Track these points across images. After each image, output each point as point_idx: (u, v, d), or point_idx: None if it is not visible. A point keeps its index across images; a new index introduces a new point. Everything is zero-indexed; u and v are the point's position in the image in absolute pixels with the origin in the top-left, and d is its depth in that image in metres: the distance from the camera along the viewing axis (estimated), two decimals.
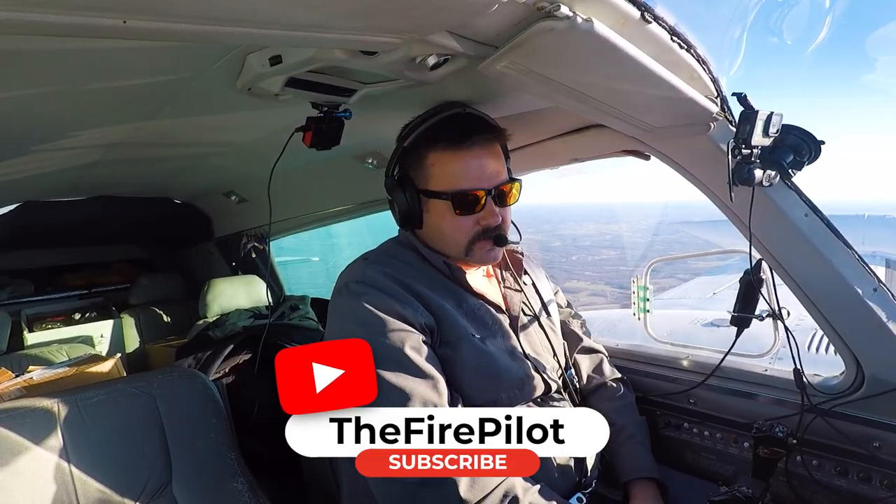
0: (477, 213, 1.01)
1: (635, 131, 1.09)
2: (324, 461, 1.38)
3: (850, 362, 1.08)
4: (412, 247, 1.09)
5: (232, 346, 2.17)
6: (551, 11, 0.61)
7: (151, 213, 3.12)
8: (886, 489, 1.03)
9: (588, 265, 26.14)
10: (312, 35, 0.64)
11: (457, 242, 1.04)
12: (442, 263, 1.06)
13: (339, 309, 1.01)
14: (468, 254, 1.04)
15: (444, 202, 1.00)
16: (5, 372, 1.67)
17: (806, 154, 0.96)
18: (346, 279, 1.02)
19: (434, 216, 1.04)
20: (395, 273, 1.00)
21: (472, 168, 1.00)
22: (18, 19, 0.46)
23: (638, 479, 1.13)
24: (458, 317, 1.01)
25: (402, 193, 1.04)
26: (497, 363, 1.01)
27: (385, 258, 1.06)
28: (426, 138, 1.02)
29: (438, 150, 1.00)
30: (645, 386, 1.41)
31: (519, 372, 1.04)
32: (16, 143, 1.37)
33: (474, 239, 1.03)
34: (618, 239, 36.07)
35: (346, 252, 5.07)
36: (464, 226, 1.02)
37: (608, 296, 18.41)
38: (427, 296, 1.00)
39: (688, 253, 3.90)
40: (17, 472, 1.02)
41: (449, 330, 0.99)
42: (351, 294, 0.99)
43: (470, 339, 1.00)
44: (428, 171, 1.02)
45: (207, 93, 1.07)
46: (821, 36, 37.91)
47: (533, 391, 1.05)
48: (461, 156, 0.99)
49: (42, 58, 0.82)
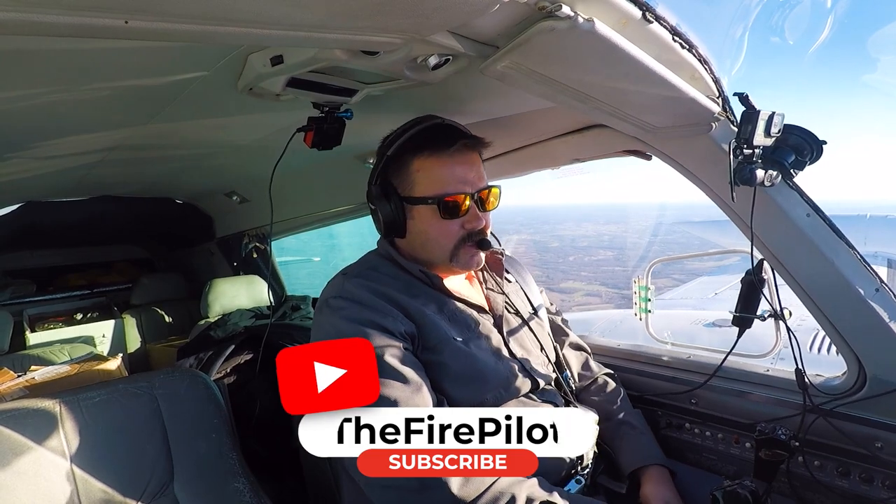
0: (461, 217, 1.04)
1: (637, 131, 1.09)
2: (324, 461, 1.38)
3: (852, 362, 1.07)
4: (390, 257, 1.12)
5: (233, 346, 2.18)
6: (553, 11, 0.61)
7: (153, 214, 3.13)
8: (888, 490, 1.03)
9: (585, 266, 26.22)
10: (314, 35, 0.64)
11: (442, 247, 1.06)
12: (419, 272, 1.08)
13: (321, 326, 1.04)
14: (453, 259, 1.06)
15: (429, 207, 1.03)
16: (7, 372, 1.67)
17: (807, 154, 0.96)
18: (326, 296, 1.05)
19: (419, 223, 1.06)
20: (373, 285, 1.02)
21: (456, 173, 1.03)
22: (20, 19, 0.46)
23: (646, 467, 1.14)
24: (440, 321, 1.03)
25: (387, 202, 1.06)
26: (480, 364, 1.03)
27: (364, 271, 1.08)
28: (411, 146, 1.04)
29: (424, 157, 1.03)
30: (646, 386, 1.41)
31: (504, 371, 1.06)
32: (18, 143, 1.37)
33: (459, 243, 1.05)
34: (615, 240, 36.18)
35: (347, 252, 5.07)
36: (449, 230, 1.04)
37: (603, 296, 18.46)
38: (407, 304, 1.02)
39: (688, 253, 3.89)
40: (19, 472, 1.03)
41: (431, 335, 1.01)
42: (330, 310, 1.01)
43: (452, 342, 1.02)
44: (413, 178, 1.04)
45: (209, 93, 1.07)
46: (823, 36, 38.16)
47: (519, 389, 1.07)
48: (446, 161, 1.02)
49: (44, 58, 0.82)
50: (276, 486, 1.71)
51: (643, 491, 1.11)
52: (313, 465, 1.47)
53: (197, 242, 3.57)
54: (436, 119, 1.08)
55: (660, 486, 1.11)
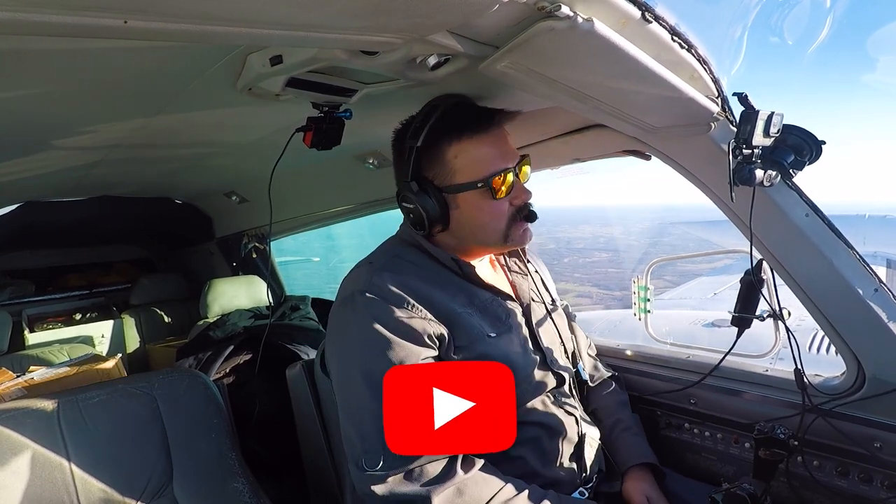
0: (509, 195, 1.00)
1: (636, 131, 1.09)
2: (326, 461, 1.38)
3: (851, 362, 1.08)
4: (417, 244, 1.06)
5: (232, 346, 2.18)
6: (552, 11, 0.61)
7: (152, 214, 3.12)
8: (887, 490, 1.03)
9: (578, 267, 26.30)
10: (313, 35, 0.64)
11: (495, 229, 1.02)
12: (450, 260, 1.04)
13: (344, 324, 0.99)
14: (507, 239, 1.03)
15: (477, 191, 0.98)
16: (6, 372, 1.67)
17: (807, 154, 0.96)
18: (352, 288, 0.98)
19: (466, 210, 1.01)
20: (403, 279, 0.97)
21: (497, 149, 0.99)
22: (19, 19, 0.46)
23: (634, 466, 1.14)
24: (471, 317, 1.00)
25: (428, 197, 0.99)
26: (513, 358, 1.01)
27: (391, 261, 1.03)
28: (443, 133, 0.98)
29: (462, 141, 0.98)
30: (646, 386, 1.41)
31: (531, 365, 1.04)
32: (17, 143, 1.37)
33: (510, 221, 1.02)
34: (611, 241, 36.28)
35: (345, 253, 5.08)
36: (501, 210, 1.00)
37: (594, 297, 18.54)
38: (437, 301, 0.98)
39: (688, 253, 3.90)
40: (18, 473, 1.03)
41: (463, 334, 0.98)
42: (356, 307, 0.96)
43: (485, 340, 0.99)
44: (451, 166, 0.99)
45: (208, 93, 1.07)
46: (822, 36, 38.16)
47: (542, 386, 1.06)
48: (485, 139, 0.98)
49: (42, 58, 0.82)
50: (276, 486, 1.71)
51: (624, 487, 1.12)
52: (313, 465, 1.47)
53: (196, 242, 3.56)
54: (454, 98, 1.03)
55: (641, 482, 1.11)
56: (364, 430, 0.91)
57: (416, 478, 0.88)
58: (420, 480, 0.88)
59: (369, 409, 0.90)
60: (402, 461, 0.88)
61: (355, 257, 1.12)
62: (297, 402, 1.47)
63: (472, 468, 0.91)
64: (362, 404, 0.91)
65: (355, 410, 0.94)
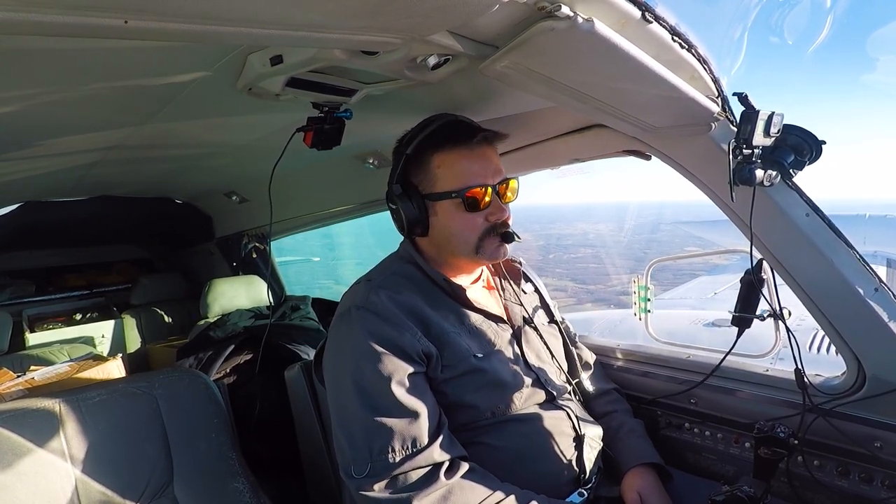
0: (485, 210, 1.04)
1: (636, 131, 1.09)
2: (325, 461, 1.38)
3: (852, 362, 1.07)
4: (412, 261, 1.12)
5: (233, 346, 2.18)
6: (552, 11, 0.61)
7: (152, 214, 3.13)
8: (888, 489, 1.03)
9: (561, 263, 26.48)
10: (313, 35, 0.64)
11: (466, 241, 1.06)
12: (442, 280, 1.09)
13: (339, 335, 1.04)
14: (478, 251, 1.06)
15: (452, 202, 1.04)
16: (7, 372, 1.67)
17: (807, 154, 0.96)
18: (350, 303, 1.05)
19: (442, 218, 1.06)
20: (398, 296, 1.03)
21: (478, 164, 1.03)
22: (19, 19, 0.46)
23: (637, 466, 1.15)
24: (460, 337, 1.04)
25: (409, 201, 1.06)
26: (500, 377, 1.05)
27: (388, 278, 1.08)
28: (430, 143, 1.05)
29: (444, 152, 1.04)
30: (646, 386, 1.41)
31: (520, 383, 1.08)
32: (16, 143, 1.37)
33: (483, 235, 1.06)
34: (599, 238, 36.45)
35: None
36: (474, 223, 1.05)
37: (569, 290, 18.68)
38: (429, 319, 1.02)
39: (688, 253, 3.89)
40: (19, 473, 1.03)
41: (451, 354, 1.02)
42: (352, 321, 1.01)
43: (471, 360, 1.03)
44: (434, 174, 1.05)
45: (208, 93, 1.07)
46: (822, 36, 37.54)
47: (534, 400, 1.09)
48: (467, 155, 1.03)
49: (43, 58, 0.82)
50: (276, 486, 1.71)
51: (621, 486, 1.13)
52: (313, 465, 1.47)
53: (196, 242, 3.56)
54: (450, 116, 1.09)
55: (637, 480, 1.12)
56: (352, 437, 0.95)
57: (401, 484, 0.91)
58: (404, 487, 0.91)
59: (357, 418, 0.94)
60: (388, 468, 0.91)
61: (354, 256, 1.12)
62: (295, 403, 1.47)
63: (456, 474, 0.93)
64: (351, 412, 0.96)
65: (345, 418, 0.98)
